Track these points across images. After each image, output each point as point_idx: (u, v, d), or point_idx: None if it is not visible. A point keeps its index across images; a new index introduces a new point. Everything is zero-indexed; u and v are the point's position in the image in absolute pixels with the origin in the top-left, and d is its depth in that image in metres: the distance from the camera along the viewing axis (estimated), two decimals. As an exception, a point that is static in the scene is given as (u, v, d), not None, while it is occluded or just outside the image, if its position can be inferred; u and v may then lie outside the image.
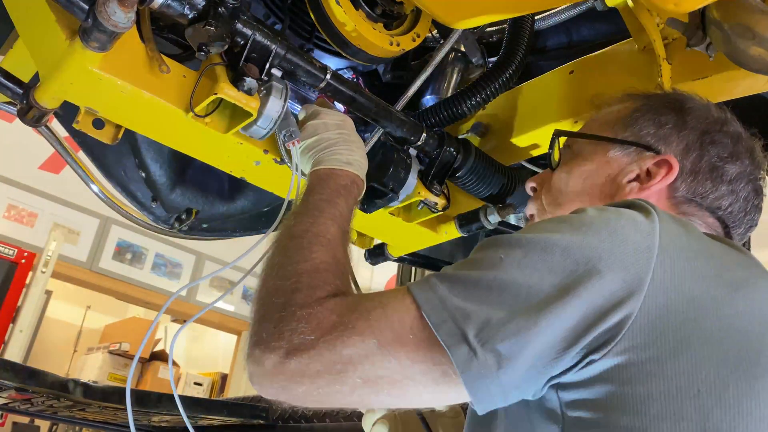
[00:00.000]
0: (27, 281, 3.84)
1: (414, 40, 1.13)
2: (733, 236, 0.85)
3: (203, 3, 0.89)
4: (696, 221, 0.82)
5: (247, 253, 0.98)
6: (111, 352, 5.54)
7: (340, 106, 1.16)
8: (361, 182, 0.97)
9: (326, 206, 0.87)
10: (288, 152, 1.02)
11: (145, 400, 1.88)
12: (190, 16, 0.90)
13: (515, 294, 0.62)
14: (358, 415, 2.00)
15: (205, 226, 1.70)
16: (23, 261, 3.69)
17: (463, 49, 1.34)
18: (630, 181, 0.84)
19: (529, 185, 0.98)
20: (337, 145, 0.96)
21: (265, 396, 0.70)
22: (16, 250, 3.69)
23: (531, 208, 0.97)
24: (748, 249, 1.43)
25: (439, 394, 0.65)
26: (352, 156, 0.96)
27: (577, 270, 0.62)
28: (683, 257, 0.66)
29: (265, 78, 0.95)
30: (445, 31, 1.27)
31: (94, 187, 1.54)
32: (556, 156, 0.94)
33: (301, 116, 1.03)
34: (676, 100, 0.90)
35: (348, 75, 1.30)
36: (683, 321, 0.62)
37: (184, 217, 1.61)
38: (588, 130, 0.94)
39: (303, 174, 1.00)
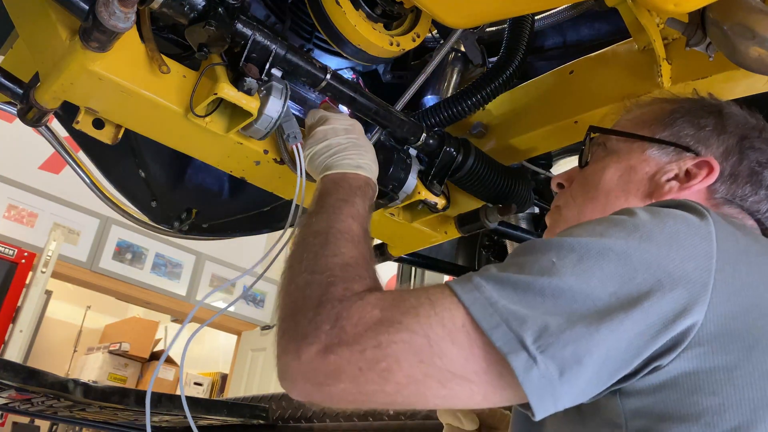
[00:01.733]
0: (27, 281, 3.84)
1: (414, 40, 1.13)
2: None
3: (203, 3, 0.89)
4: (736, 222, 0.80)
5: (263, 259, 0.97)
6: (111, 352, 5.54)
7: (344, 109, 1.15)
8: (374, 184, 0.95)
9: (344, 205, 0.85)
10: (291, 154, 1.02)
11: (145, 400, 1.88)
12: (190, 16, 0.90)
13: (572, 300, 0.59)
14: (359, 416, 2.00)
15: (205, 226, 1.70)
16: (23, 261, 3.69)
17: (463, 49, 1.34)
18: (669, 180, 0.83)
19: (556, 182, 0.96)
20: (347, 150, 0.94)
21: (296, 396, 0.66)
22: (16, 250, 3.69)
23: (557, 200, 0.95)
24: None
25: (492, 394, 0.62)
26: (363, 160, 0.94)
27: (635, 278, 0.60)
28: (744, 261, 0.64)
29: (265, 78, 0.95)
30: (445, 31, 1.27)
31: (94, 188, 1.54)
32: (587, 153, 0.93)
33: (308, 122, 1.02)
34: (714, 104, 0.90)
35: (348, 75, 1.30)
36: (750, 328, 0.60)
37: (184, 217, 1.62)
38: (622, 128, 0.92)
39: (309, 177, 0.99)
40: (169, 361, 5.77)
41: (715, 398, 0.59)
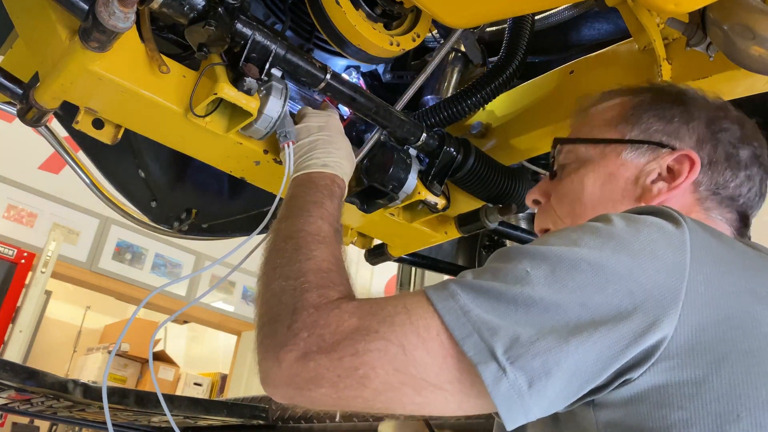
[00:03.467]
0: (27, 281, 3.84)
1: (414, 40, 1.13)
2: (749, 223, 0.83)
3: (203, 3, 0.89)
4: (717, 217, 0.80)
5: (237, 249, 0.97)
6: (111, 353, 5.54)
7: (345, 110, 1.15)
8: (342, 181, 0.94)
9: (313, 207, 0.85)
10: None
11: (144, 400, 1.88)
12: (190, 16, 0.90)
13: (543, 311, 0.59)
14: (358, 416, 2.00)
15: (205, 226, 1.70)
16: (23, 261, 3.69)
17: (463, 49, 1.34)
18: (654, 182, 0.81)
19: (531, 198, 0.93)
20: (315, 149, 0.95)
21: (279, 400, 0.67)
22: (15, 250, 3.68)
23: (544, 222, 0.90)
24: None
25: (466, 403, 0.62)
26: (330, 158, 0.94)
27: (606, 289, 0.60)
28: (717, 271, 0.63)
29: (265, 78, 0.95)
30: (445, 31, 1.27)
31: (94, 188, 1.54)
32: (558, 164, 0.90)
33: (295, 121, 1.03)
34: (675, 91, 0.88)
35: (352, 75, 1.30)
36: (719, 341, 0.60)
37: (184, 217, 1.61)
38: (587, 132, 0.89)
39: None
40: (169, 361, 5.78)
41: (683, 412, 0.58)
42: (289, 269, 0.74)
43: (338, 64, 1.26)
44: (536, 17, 1.26)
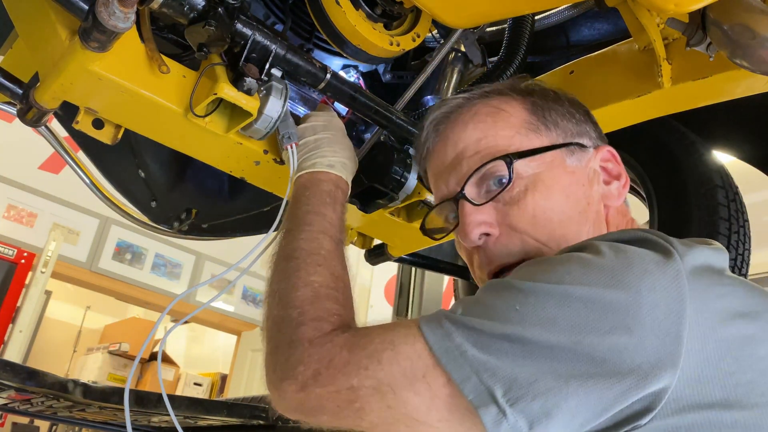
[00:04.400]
0: (26, 281, 3.84)
1: (414, 40, 1.13)
2: None
3: (203, 3, 0.89)
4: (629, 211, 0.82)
5: (248, 255, 0.97)
6: (111, 353, 5.54)
7: (342, 109, 1.15)
8: (345, 185, 0.93)
9: (315, 218, 0.84)
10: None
11: (144, 400, 1.88)
12: (190, 16, 0.90)
13: (538, 351, 0.57)
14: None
15: (205, 226, 1.70)
16: (23, 261, 3.69)
17: (463, 49, 1.34)
18: (606, 182, 0.79)
19: (479, 231, 0.77)
20: (320, 148, 0.94)
21: (293, 419, 0.71)
22: (15, 251, 3.68)
23: (506, 256, 0.76)
24: (749, 249, 1.42)
25: None
26: (335, 157, 0.93)
27: (600, 326, 0.57)
28: (712, 297, 0.61)
29: (265, 78, 0.95)
30: (445, 31, 1.27)
31: (94, 188, 1.54)
32: (488, 185, 0.78)
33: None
34: (548, 89, 0.84)
35: (351, 75, 1.30)
36: (726, 373, 0.58)
37: (184, 217, 1.61)
38: (506, 145, 0.77)
39: None
40: (169, 361, 5.78)
41: None
42: (288, 297, 0.75)
43: (338, 64, 1.26)
44: (536, 17, 1.26)
